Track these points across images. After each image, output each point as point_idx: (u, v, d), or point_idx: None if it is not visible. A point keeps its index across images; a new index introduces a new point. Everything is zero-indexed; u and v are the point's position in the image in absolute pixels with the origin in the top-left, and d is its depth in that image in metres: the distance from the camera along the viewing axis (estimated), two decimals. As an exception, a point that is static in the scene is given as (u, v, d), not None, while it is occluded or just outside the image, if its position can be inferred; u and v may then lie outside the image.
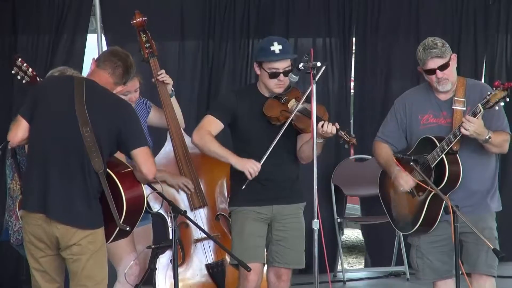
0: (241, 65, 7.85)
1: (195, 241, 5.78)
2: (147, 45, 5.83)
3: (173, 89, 5.89)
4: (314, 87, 5.00)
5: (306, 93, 5.18)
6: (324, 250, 4.95)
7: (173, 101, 5.86)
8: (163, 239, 5.09)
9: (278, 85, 5.32)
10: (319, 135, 5.11)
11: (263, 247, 5.39)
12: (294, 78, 5.22)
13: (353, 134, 5.16)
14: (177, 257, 4.81)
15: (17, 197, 5.18)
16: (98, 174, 4.51)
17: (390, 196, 5.32)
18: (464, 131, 4.87)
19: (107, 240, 4.63)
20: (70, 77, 4.86)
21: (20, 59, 5.44)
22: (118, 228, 4.55)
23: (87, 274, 4.55)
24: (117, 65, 4.69)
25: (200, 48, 7.79)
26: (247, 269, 4.94)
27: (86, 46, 7.56)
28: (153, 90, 5.96)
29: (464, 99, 5.08)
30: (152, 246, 4.79)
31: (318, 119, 5.11)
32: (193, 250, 5.77)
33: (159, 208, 5.46)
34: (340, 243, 7.98)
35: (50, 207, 4.48)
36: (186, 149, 5.82)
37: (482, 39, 8.20)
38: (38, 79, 5.44)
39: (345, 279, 7.81)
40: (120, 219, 4.53)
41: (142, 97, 5.83)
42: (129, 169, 4.68)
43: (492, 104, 4.82)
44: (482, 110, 4.85)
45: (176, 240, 4.77)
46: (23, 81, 5.48)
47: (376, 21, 8.08)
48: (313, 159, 4.99)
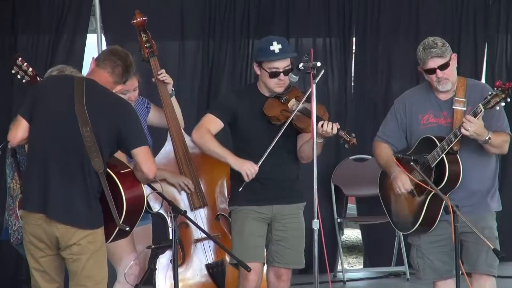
0: (241, 65, 7.85)
1: (195, 241, 5.78)
2: (148, 44, 5.82)
3: (173, 88, 5.88)
4: (314, 87, 4.99)
5: (307, 93, 5.18)
6: (324, 250, 4.94)
7: (173, 101, 5.86)
8: (163, 239, 5.08)
9: (279, 85, 5.32)
10: (319, 135, 5.11)
11: (263, 246, 5.39)
12: (294, 78, 5.22)
13: (353, 134, 5.16)
14: (177, 257, 4.81)
15: (17, 196, 5.17)
16: (98, 174, 4.50)
17: (390, 196, 5.31)
18: (464, 132, 4.86)
19: (107, 240, 4.62)
20: (70, 77, 4.85)
21: (20, 58, 5.44)
22: (118, 228, 4.54)
23: (87, 274, 4.54)
24: (117, 64, 4.68)
25: (200, 48, 7.79)
26: (247, 269, 4.93)
27: (86, 46, 7.56)
28: (153, 90, 5.95)
29: (464, 99, 5.07)
30: (152, 246, 4.78)
31: (318, 118, 5.11)
32: (193, 250, 5.77)
33: (159, 208, 5.45)
34: (340, 243, 7.98)
35: (50, 207, 4.47)
36: (187, 149, 5.82)
37: (482, 39, 8.19)
38: (38, 79, 5.43)
39: (345, 279, 7.80)
40: (120, 219, 4.52)
41: (142, 97, 5.83)
42: (129, 169, 4.68)
43: (493, 104, 4.81)
44: (483, 110, 4.84)
45: (176, 240, 4.77)
46: (23, 81, 5.47)
47: (376, 21, 8.07)
48: (313, 159, 4.99)
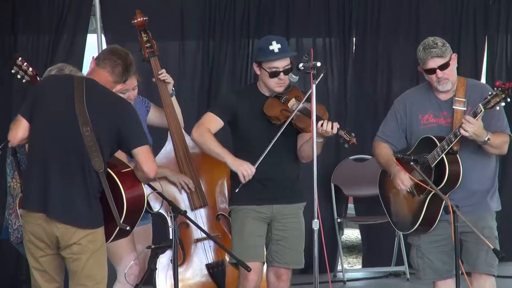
0: (241, 65, 7.85)
1: (195, 241, 5.78)
2: (148, 44, 5.83)
3: (173, 88, 5.88)
4: (314, 87, 4.99)
5: (307, 93, 5.18)
6: (324, 250, 4.94)
7: (173, 100, 5.86)
8: (163, 239, 5.08)
9: (279, 84, 5.32)
10: (319, 135, 5.11)
11: (263, 246, 5.39)
12: (294, 78, 5.22)
13: (353, 134, 5.16)
14: (177, 257, 4.80)
15: (17, 196, 5.17)
16: (98, 173, 4.50)
17: (390, 196, 5.31)
18: (463, 132, 4.86)
19: (107, 240, 4.62)
20: (70, 77, 4.85)
21: (20, 58, 5.44)
22: (118, 228, 4.54)
23: (87, 274, 4.54)
24: (117, 64, 4.68)
25: (200, 48, 7.79)
26: (247, 269, 4.93)
27: (86, 46, 7.56)
28: (153, 90, 5.96)
29: (464, 99, 5.07)
30: (152, 246, 4.78)
31: (318, 118, 5.11)
32: (193, 250, 5.77)
33: (159, 208, 5.45)
34: (340, 243, 7.98)
35: (50, 207, 4.47)
36: (187, 149, 5.82)
37: (482, 39, 8.19)
38: (38, 79, 5.43)
39: (345, 279, 7.80)
40: (120, 219, 4.52)
41: (142, 97, 5.83)
42: (129, 169, 4.68)
43: (493, 104, 4.81)
44: (483, 110, 4.84)
45: (176, 240, 4.77)
46: (23, 81, 5.47)
47: (376, 21, 8.07)
48: (313, 159, 4.99)
